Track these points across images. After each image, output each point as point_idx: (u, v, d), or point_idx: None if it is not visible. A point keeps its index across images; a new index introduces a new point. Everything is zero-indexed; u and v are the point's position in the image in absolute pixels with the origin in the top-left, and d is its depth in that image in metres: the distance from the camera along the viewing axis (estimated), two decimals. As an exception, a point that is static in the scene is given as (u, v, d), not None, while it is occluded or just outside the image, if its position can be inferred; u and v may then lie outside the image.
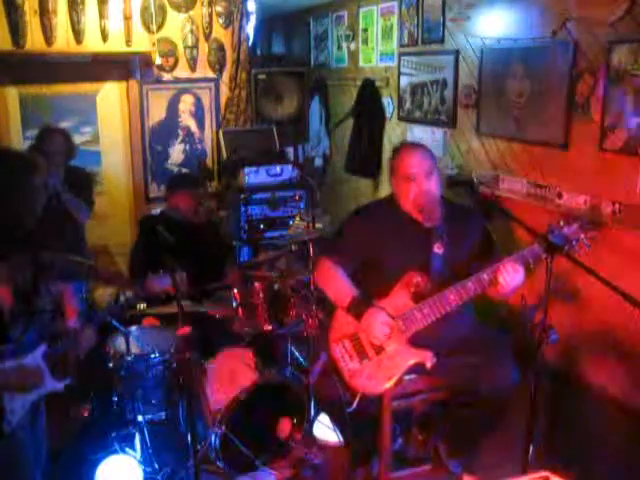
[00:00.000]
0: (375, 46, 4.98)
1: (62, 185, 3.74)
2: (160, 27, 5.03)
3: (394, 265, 2.65)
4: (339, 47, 5.55)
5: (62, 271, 3.54)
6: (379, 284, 2.66)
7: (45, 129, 3.91)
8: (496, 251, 2.72)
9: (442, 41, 4.15)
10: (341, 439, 3.10)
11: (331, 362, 2.72)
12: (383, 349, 2.60)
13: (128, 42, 4.95)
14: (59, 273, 3.49)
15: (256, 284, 3.59)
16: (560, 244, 2.27)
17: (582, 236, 2.38)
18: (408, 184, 2.64)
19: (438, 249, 2.67)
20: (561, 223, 2.41)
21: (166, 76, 5.20)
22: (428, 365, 2.58)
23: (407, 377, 2.65)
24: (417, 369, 2.62)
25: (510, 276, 2.45)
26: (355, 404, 2.63)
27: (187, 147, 5.43)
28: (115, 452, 2.98)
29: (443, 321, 2.57)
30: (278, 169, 5.12)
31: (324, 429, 3.18)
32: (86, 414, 3.30)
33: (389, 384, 2.60)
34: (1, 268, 2.23)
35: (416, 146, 2.86)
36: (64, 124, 4.91)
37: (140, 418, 3.01)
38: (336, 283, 2.71)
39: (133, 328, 3.20)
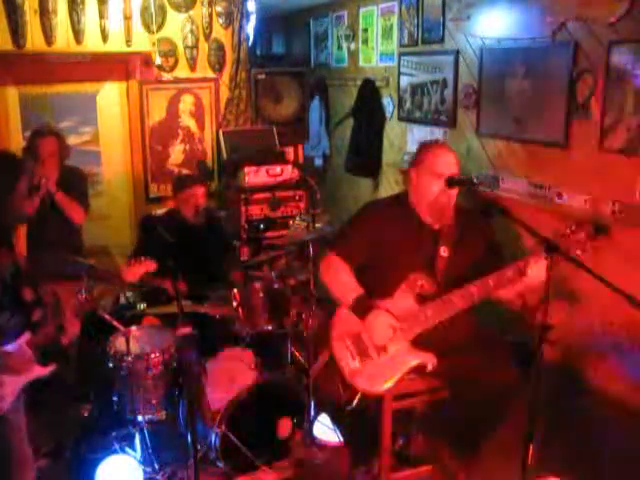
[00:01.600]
0: (375, 46, 4.98)
1: (56, 186, 3.73)
2: (160, 27, 5.03)
3: (399, 265, 2.64)
4: (339, 47, 5.55)
5: (59, 271, 3.56)
6: (383, 283, 2.65)
7: (37, 132, 3.90)
8: (502, 259, 2.71)
9: (442, 41, 4.15)
10: (341, 439, 3.11)
11: (332, 360, 2.71)
12: (385, 349, 2.59)
13: (128, 42, 4.95)
14: (56, 273, 3.51)
15: (256, 284, 3.59)
16: (566, 252, 2.26)
17: (588, 245, 2.38)
18: (434, 182, 2.61)
19: (444, 252, 2.66)
20: (568, 230, 2.40)
21: (166, 76, 5.20)
22: (429, 367, 2.58)
23: (407, 377, 2.65)
24: (418, 370, 2.61)
25: (538, 269, 2.43)
26: (355, 403, 2.63)
27: (187, 147, 5.43)
28: (115, 452, 2.98)
29: (444, 322, 2.57)
30: (278, 169, 5.11)
31: (324, 429, 3.18)
32: (86, 414, 3.31)
33: (389, 384, 2.60)
34: None
35: (450, 148, 2.81)
36: (64, 124, 4.91)
37: (140, 418, 3.00)
38: (341, 280, 2.67)
39: (133, 328, 3.19)
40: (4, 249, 2.44)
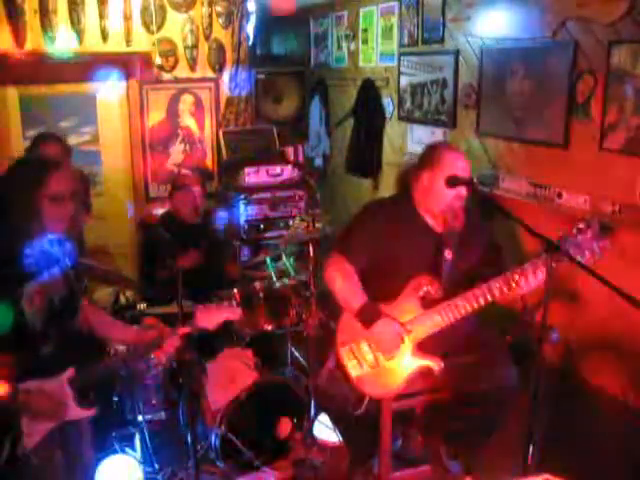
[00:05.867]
0: (375, 46, 4.98)
1: None
2: (160, 27, 5.03)
3: (403, 267, 2.61)
4: (339, 47, 5.55)
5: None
6: (387, 285, 2.62)
7: (39, 137, 3.89)
8: (503, 261, 2.70)
9: (442, 41, 4.15)
10: (341, 439, 3.11)
11: (338, 366, 2.69)
12: (392, 355, 2.58)
13: (128, 42, 4.95)
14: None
15: (256, 284, 3.59)
16: (573, 254, 2.25)
17: (594, 245, 2.36)
18: (444, 182, 2.54)
19: (448, 255, 2.64)
20: (574, 231, 2.37)
21: (166, 76, 5.20)
22: (436, 371, 2.56)
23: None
24: (423, 373, 2.61)
25: (512, 290, 2.43)
26: (362, 408, 2.62)
27: (187, 147, 5.43)
28: (115, 452, 2.98)
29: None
30: (278, 169, 5.11)
31: (324, 429, 3.19)
32: (86, 414, 3.30)
33: (396, 389, 2.59)
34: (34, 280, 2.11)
35: (459, 149, 2.80)
36: (64, 124, 4.91)
37: (140, 418, 3.00)
38: (346, 285, 2.61)
39: (133, 328, 3.19)
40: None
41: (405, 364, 2.58)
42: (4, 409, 2.02)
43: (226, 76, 5.39)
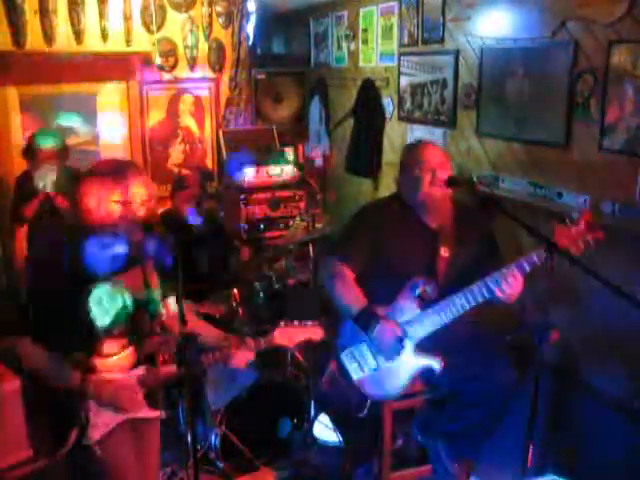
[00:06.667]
0: (375, 46, 4.98)
1: (55, 188, 3.71)
2: (160, 27, 5.04)
3: (400, 267, 2.62)
4: (339, 47, 5.55)
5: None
6: (386, 286, 2.62)
7: (36, 134, 3.90)
8: (500, 256, 2.70)
9: (442, 41, 4.15)
10: (341, 439, 3.11)
11: (340, 369, 2.69)
12: (393, 359, 2.58)
13: (128, 42, 4.95)
14: None
15: (256, 284, 3.59)
16: (566, 246, 2.26)
17: (588, 236, 2.36)
18: (428, 176, 2.60)
19: (445, 252, 2.64)
20: (567, 221, 2.39)
21: (166, 76, 5.21)
22: (436, 369, 2.56)
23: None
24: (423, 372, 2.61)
25: (510, 286, 2.43)
26: (366, 411, 2.62)
27: (187, 147, 5.43)
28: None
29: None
30: (278, 169, 5.12)
31: (324, 429, 3.19)
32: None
33: (399, 390, 2.59)
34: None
35: (437, 144, 2.85)
36: (64, 124, 4.91)
37: (140, 418, 3.00)
38: (345, 290, 2.61)
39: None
40: (136, 269, 2.23)
41: (406, 365, 2.58)
42: (72, 399, 2.07)
43: (226, 76, 5.41)
